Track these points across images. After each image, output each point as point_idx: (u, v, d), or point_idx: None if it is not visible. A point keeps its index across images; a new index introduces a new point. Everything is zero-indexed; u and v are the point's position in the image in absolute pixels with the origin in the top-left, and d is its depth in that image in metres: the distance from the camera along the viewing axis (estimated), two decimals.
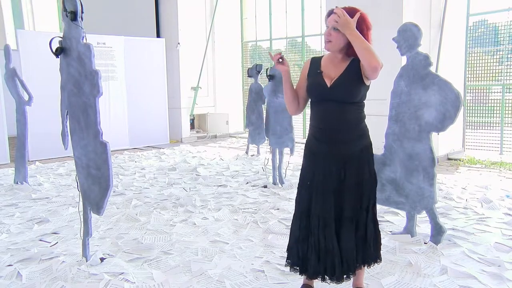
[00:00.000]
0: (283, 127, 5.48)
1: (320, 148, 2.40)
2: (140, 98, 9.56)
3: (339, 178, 2.34)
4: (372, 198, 2.42)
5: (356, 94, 2.33)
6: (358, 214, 2.37)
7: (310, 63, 2.47)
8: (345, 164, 2.34)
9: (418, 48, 3.34)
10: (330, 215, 2.33)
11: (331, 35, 2.29)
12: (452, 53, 7.21)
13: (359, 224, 2.38)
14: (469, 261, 3.12)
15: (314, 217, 2.36)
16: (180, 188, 5.54)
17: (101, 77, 2.74)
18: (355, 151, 2.36)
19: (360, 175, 2.37)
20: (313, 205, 2.37)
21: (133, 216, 4.28)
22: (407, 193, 3.47)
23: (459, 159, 7.11)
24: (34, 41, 7.87)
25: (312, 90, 2.40)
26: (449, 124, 3.25)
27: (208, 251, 3.40)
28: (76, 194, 4.44)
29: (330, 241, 2.33)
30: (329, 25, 2.30)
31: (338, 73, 2.34)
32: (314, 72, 2.41)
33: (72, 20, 2.76)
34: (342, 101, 2.32)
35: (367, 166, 2.39)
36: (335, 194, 2.34)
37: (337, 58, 2.38)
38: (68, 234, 3.86)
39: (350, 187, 2.35)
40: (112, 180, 2.83)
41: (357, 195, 2.36)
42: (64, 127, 3.09)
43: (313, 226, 2.36)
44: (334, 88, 2.31)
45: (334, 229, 2.34)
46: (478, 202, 4.58)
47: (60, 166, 7.29)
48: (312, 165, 2.43)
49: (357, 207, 2.36)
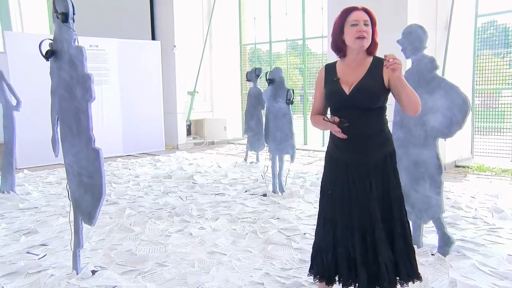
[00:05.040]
0: (283, 133, 5.49)
1: (342, 156, 2.37)
2: (135, 103, 9.58)
3: (365, 188, 2.31)
4: (403, 207, 2.37)
5: (377, 100, 2.30)
6: (392, 226, 2.32)
7: (325, 71, 2.45)
8: (370, 173, 2.32)
9: (424, 51, 3.36)
10: (358, 227, 2.30)
11: (365, 31, 2.26)
12: (459, 56, 7.24)
13: (394, 235, 2.32)
14: (480, 274, 3.11)
15: (342, 228, 2.35)
16: (176, 197, 5.54)
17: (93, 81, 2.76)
18: (379, 159, 2.33)
19: (386, 184, 2.33)
20: (338, 215, 2.36)
21: (127, 226, 4.28)
22: (412, 202, 3.48)
23: (467, 166, 7.11)
24: (23, 43, 7.89)
25: (331, 99, 2.38)
26: (457, 129, 3.26)
27: (205, 263, 3.39)
28: (67, 203, 4.44)
29: (360, 254, 2.29)
30: (360, 21, 2.26)
31: (357, 78, 2.31)
32: (330, 80, 2.39)
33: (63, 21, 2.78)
34: (363, 107, 2.29)
35: (392, 174, 2.36)
36: (361, 205, 2.31)
37: (355, 61, 2.35)
38: (57, 245, 3.86)
39: (378, 197, 2.31)
40: (105, 189, 2.84)
41: (386, 205, 2.33)
42: (55, 133, 3.10)
43: (340, 237, 2.35)
44: (353, 95, 2.29)
45: (365, 242, 2.30)
46: (488, 212, 4.58)
47: (50, 174, 7.28)
48: (333, 174, 2.41)
49: (388, 217, 2.32)
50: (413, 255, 2.38)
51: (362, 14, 2.28)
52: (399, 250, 2.32)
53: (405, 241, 2.34)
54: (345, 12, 2.33)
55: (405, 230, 2.35)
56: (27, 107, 6.04)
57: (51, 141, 3.14)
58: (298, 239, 3.87)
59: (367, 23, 2.27)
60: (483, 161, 7.25)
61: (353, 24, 2.27)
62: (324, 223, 2.43)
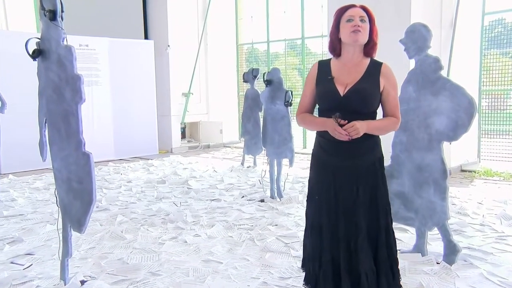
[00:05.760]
0: (282, 136, 5.50)
1: (329, 160, 2.38)
2: (127, 104, 9.57)
3: (352, 194, 2.33)
4: (388, 213, 2.40)
5: (371, 104, 2.32)
6: (377, 233, 2.35)
7: (318, 67, 2.45)
8: (357, 179, 2.33)
9: (428, 51, 3.37)
10: (343, 233, 2.32)
11: (360, 26, 2.27)
12: (465, 56, 7.25)
13: (378, 245, 2.35)
14: (488, 285, 3.10)
15: (328, 234, 2.36)
16: (170, 203, 5.54)
17: (83, 82, 2.75)
18: (368, 164, 2.35)
19: (374, 190, 2.36)
20: (325, 221, 2.37)
21: (118, 234, 4.27)
22: (416, 207, 3.48)
23: (474, 171, 7.13)
24: (8, 42, 7.86)
25: (323, 99, 2.38)
26: (462, 132, 3.27)
27: (200, 272, 3.39)
28: (55, 210, 4.43)
29: (344, 261, 2.31)
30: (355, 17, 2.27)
31: (353, 80, 2.32)
32: (324, 78, 2.38)
33: (51, 19, 2.77)
34: (356, 111, 2.29)
35: (380, 179, 2.38)
36: (347, 212, 2.33)
37: (351, 61, 2.35)
38: (44, 254, 3.84)
39: (365, 204, 2.33)
40: (95, 195, 2.83)
41: (373, 212, 2.35)
42: (43, 137, 3.10)
43: (326, 244, 2.36)
44: (348, 97, 2.29)
45: (349, 249, 2.32)
46: (496, 218, 4.58)
47: (37, 179, 7.26)
48: (320, 178, 2.42)
49: (373, 225, 2.34)
50: (396, 265, 2.41)
51: (358, 10, 2.30)
52: (381, 260, 2.35)
53: (388, 251, 2.37)
54: (341, 9, 2.35)
55: (389, 238, 2.38)
56: (12, 109, 6.02)
57: (38, 144, 3.13)
58: (297, 246, 3.86)
59: (363, 19, 2.28)
60: (491, 166, 7.27)
61: (349, 20, 2.29)
62: (311, 231, 2.45)
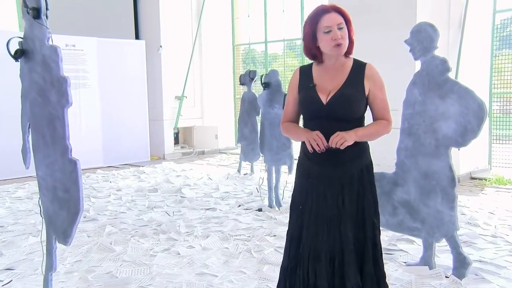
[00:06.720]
0: (280, 142, 5.50)
1: (313, 169, 2.39)
2: (116, 108, 9.58)
3: (337, 204, 2.33)
4: (376, 225, 2.40)
5: (356, 111, 2.33)
6: (363, 246, 2.34)
7: (300, 74, 2.46)
8: (343, 188, 2.33)
9: (435, 51, 3.38)
10: (323, 248, 2.31)
11: (341, 37, 2.26)
12: (475, 57, 7.28)
13: (365, 258, 2.35)
14: None
15: (305, 247, 2.35)
16: (162, 212, 5.53)
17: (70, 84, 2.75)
18: (355, 172, 2.35)
19: (361, 200, 2.35)
20: (304, 233, 2.37)
21: (107, 246, 4.26)
22: (423, 217, 3.48)
23: (484, 178, 7.14)
24: None
25: (306, 107, 2.39)
26: (471, 138, 3.27)
27: (194, 286, 3.38)
28: (38, 221, 4.42)
29: (321, 279, 2.29)
30: (333, 26, 2.25)
31: (336, 86, 2.32)
32: (305, 85, 2.39)
33: (35, 18, 2.77)
34: (341, 118, 2.30)
35: (369, 188, 2.38)
36: (332, 223, 2.32)
37: (333, 66, 2.36)
38: (26, 269, 3.80)
39: (351, 215, 2.32)
40: (82, 204, 2.81)
41: (359, 224, 2.34)
42: (26, 143, 3.09)
43: (303, 257, 2.35)
44: (331, 105, 2.29)
45: (327, 265, 2.30)
46: (509, 230, 4.59)
47: (19, 188, 7.24)
48: (304, 187, 2.42)
49: (360, 237, 2.34)
50: (383, 280, 2.40)
51: (334, 17, 2.27)
52: (367, 275, 2.34)
53: (375, 265, 2.36)
54: (314, 16, 2.33)
55: (376, 252, 2.38)
56: None
57: (21, 151, 3.12)
58: None
59: (341, 26, 2.26)
60: (503, 173, 7.28)
61: (327, 31, 2.27)
62: (290, 242, 2.44)
